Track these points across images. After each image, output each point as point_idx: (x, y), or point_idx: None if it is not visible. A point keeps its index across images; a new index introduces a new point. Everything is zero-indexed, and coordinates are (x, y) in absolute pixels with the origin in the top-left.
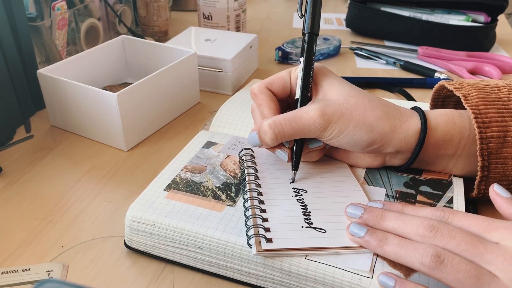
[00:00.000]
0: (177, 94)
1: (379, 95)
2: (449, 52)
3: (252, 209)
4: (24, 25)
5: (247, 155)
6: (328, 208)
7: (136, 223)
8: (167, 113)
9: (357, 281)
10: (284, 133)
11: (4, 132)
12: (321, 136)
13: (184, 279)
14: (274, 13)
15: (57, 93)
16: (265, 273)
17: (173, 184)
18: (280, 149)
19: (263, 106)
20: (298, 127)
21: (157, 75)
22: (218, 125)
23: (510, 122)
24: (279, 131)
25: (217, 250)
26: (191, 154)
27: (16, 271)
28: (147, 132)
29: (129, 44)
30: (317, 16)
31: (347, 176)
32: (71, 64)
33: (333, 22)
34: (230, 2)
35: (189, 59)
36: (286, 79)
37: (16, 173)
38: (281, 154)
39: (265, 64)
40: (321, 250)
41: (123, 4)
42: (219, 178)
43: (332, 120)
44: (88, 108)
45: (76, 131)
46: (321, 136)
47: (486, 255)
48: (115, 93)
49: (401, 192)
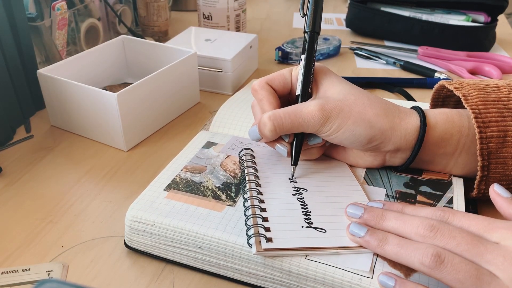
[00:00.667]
0: (177, 94)
1: (379, 95)
2: (449, 52)
3: (252, 208)
4: (24, 25)
5: (247, 155)
6: (328, 208)
7: (136, 223)
8: (167, 113)
9: (357, 281)
10: (283, 126)
11: (4, 132)
12: (320, 131)
13: (184, 279)
14: (274, 13)
15: (57, 93)
16: (265, 273)
17: (173, 184)
18: (279, 144)
19: (263, 101)
20: (297, 120)
21: (157, 75)
22: (218, 125)
23: (510, 122)
24: (278, 124)
25: (217, 250)
26: (191, 154)
27: (16, 271)
28: (147, 132)
29: (129, 44)
30: (319, 15)
31: (347, 176)
32: (71, 64)
33: (333, 22)
34: (230, 2)
35: (189, 59)
36: (286, 76)
37: (16, 173)
38: (280, 149)
39: (265, 64)
40: (321, 250)
41: (123, 4)
42: (219, 178)
43: (332, 115)
44: (88, 108)
45: (76, 131)
46: (320, 131)
47: (487, 255)
48: (115, 93)
49: (401, 192)
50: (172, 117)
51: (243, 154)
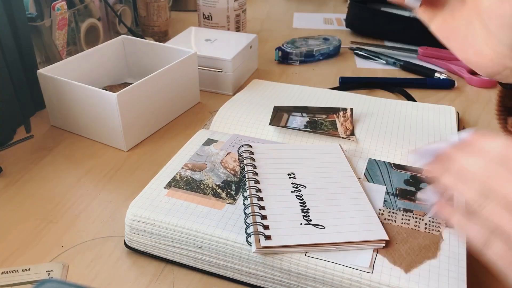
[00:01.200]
0: (177, 94)
1: (379, 95)
2: (449, 52)
3: (251, 206)
4: (24, 25)
5: (245, 151)
6: (327, 205)
7: (137, 222)
8: (167, 113)
9: (357, 277)
10: None
11: (4, 132)
12: None
13: (184, 279)
14: (274, 13)
15: (57, 93)
16: (265, 273)
17: (174, 182)
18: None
19: None
20: None
21: (157, 75)
22: (218, 125)
23: None
24: None
25: (217, 250)
26: (191, 152)
27: (16, 271)
28: (147, 132)
29: (129, 44)
30: None
31: (347, 172)
32: (71, 64)
33: (333, 22)
34: (230, 2)
35: (189, 59)
36: None
37: (16, 173)
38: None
39: (265, 64)
40: (320, 247)
41: (123, 4)
42: (219, 176)
43: None
44: (88, 108)
45: (76, 131)
46: None
47: None
48: (115, 93)
49: (402, 190)
50: (172, 117)
51: (242, 150)
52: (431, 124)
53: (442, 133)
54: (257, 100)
